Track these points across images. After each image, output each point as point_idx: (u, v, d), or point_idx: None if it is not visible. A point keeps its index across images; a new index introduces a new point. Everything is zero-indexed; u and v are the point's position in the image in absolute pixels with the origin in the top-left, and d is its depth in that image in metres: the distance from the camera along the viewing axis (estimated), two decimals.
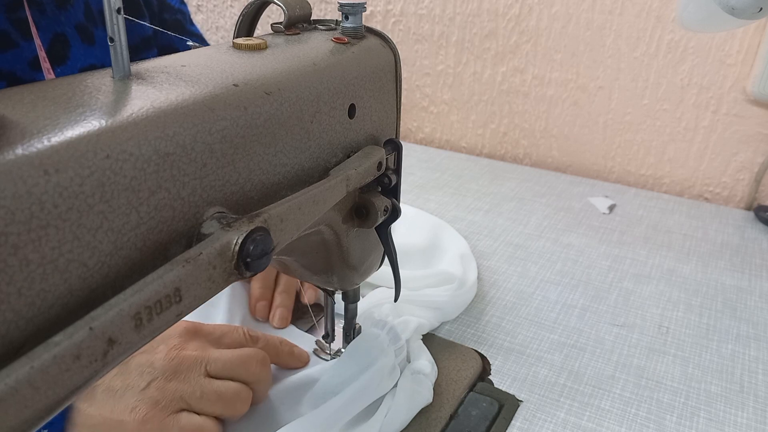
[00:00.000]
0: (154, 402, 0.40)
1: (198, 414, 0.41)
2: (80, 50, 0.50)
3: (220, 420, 0.42)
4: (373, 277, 0.48)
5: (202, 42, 0.67)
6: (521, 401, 0.48)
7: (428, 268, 0.60)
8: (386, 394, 0.45)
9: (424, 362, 0.48)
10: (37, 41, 0.46)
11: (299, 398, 0.46)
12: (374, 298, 0.54)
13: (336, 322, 0.50)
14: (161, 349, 0.42)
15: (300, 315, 0.57)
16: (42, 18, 0.48)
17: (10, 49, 0.46)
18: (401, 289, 0.45)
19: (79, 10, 0.50)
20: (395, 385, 0.45)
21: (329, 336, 0.49)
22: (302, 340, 0.52)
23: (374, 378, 0.44)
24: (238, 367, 0.43)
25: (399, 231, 0.66)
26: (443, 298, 0.55)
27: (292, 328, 0.55)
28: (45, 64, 0.47)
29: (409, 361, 0.48)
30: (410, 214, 0.70)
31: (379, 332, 0.48)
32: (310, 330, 0.55)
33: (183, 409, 0.41)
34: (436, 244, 0.65)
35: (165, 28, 0.63)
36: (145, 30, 0.59)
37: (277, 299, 0.56)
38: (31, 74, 0.47)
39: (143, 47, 0.60)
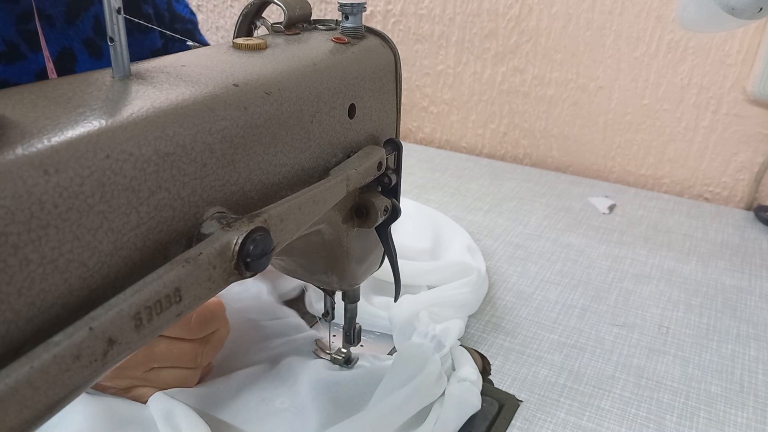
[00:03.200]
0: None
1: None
2: (87, 64, 0.51)
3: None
4: (377, 275, 0.48)
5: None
6: (521, 401, 0.48)
7: (435, 261, 0.61)
8: (434, 402, 0.45)
9: (470, 369, 0.48)
10: (46, 53, 0.47)
11: (341, 406, 0.46)
12: (405, 308, 0.53)
13: (333, 324, 0.50)
14: None
15: (302, 314, 0.57)
16: (51, 31, 0.48)
17: (19, 61, 0.46)
18: (401, 289, 0.45)
19: (87, 25, 0.51)
20: (443, 393, 0.46)
21: (329, 315, 0.49)
22: (303, 338, 0.52)
23: (421, 386, 0.44)
24: (180, 360, 0.45)
25: (403, 231, 0.66)
26: (467, 294, 0.56)
27: (291, 324, 0.54)
28: (53, 76, 0.47)
29: (454, 369, 0.49)
30: (410, 210, 0.70)
31: (423, 341, 0.48)
32: (312, 328, 0.55)
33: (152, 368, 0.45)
34: (440, 240, 0.65)
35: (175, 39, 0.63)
36: (155, 43, 0.60)
37: None
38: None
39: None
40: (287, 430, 0.44)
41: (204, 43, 0.67)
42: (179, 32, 0.64)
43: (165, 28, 0.62)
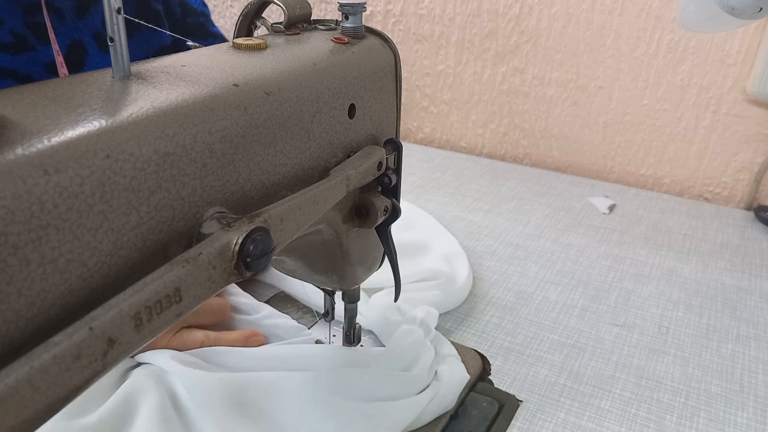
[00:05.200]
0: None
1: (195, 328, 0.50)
2: (97, 57, 0.51)
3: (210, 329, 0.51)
4: (373, 278, 0.48)
5: (224, 42, 0.67)
6: (521, 401, 0.48)
7: (413, 267, 0.61)
8: (431, 383, 0.47)
9: (449, 346, 0.51)
10: (55, 46, 0.47)
11: (335, 387, 0.46)
12: (378, 306, 0.54)
13: (333, 324, 0.50)
14: None
15: (301, 314, 0.57)
16: (61, 24, 0.48)
17: (26, 52, 0.46)
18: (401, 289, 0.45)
19: (97, 19, 0.51)
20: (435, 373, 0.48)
21: (329, 315, 0.49)
22: (303, 339, 0.52)
23: (422, 372, 0.46)
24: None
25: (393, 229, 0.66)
26: (436, 297, 0.57)
27: (292, 324, 0.54)
28: (62, 69, 0.47)
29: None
30: (405, 212, 0.70)
31: (415, 328, 0.50)
32: (311, 328, 0.55)
33: (182, 327, 0.49)
34: (424, 242, 0.66)
35: (188, 32, 0.63)
36: (165, 39, 0.60)
37: None
38: (47, 77, 0.47)
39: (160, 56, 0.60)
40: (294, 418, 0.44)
41: (217, 34, 0.67)
42: (192, 26, 0.64)
43: (176, 23, 0.62)
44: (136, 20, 0.35)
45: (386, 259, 0.43)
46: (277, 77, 0.30)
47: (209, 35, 0.66)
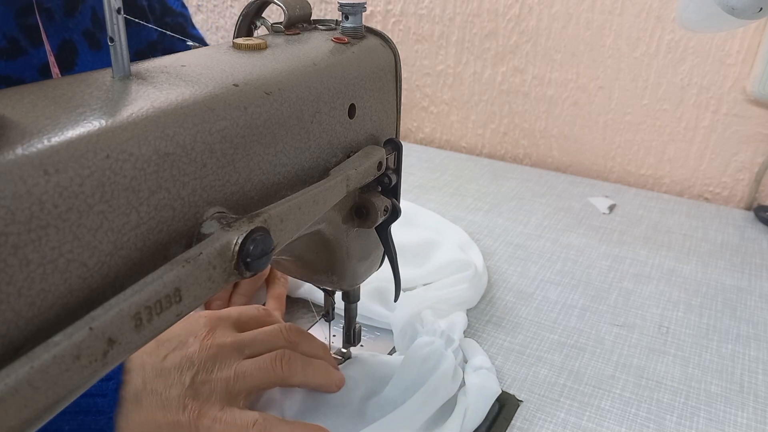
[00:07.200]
0: (204, 397, 0.39)
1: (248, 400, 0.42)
2: (88, 56, 0.51)
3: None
4: (374, 277, 0.48)
5: (203, 45, 0.67)
6: (521, 401, 0.48)
7: (427, 263, 0.61)
8: (457, 394, 0.46)
9: (482, 357, 0.49)
10: (48, 47, 0.47)
11: (363, 409, 0.45)
12: (406, 309, 0.53)
13: (333, 324, 0.50)
14: (192, 342, 0.41)
15: (300, 315, 0.57)
16: (50, 25, 0.48)
17: (20, 57, 0.46)
18: (401, 290, 0.45)
19: (86, 17, 0.51)
20: (463, 384, 0.47)
21: (329, 315, 0.49)
22: None
23: (440, 382, 0.45)
24: (273, 339, 0.44)
25: (396, 231, 0.66)
26: (466, 291, 0.57)
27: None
28: (54, 70, 0.47)
29: (466, 360, 0.50)
30: (407, 212, 0.70)
31: (434, 338, 0.49)
32: (311, 328, 0.55)
33: (232, 402, 0.40)
34: (432, 239, 0.66)
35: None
36: (151, 35, 0.60)
37: (236, 300, 0.55)
38: (40, 81, 0.47)
39: (149, 51, 0.60)
40: None
41: (196, 36, 0.67)
42: (170, 26, 0.64)
43: (156, 22, 0.62)
44: (128, 18, 0.35)
45: (386, 259, 0.43)
46: (277, 77, 0.30)
47: (188, 36, 0.66)
